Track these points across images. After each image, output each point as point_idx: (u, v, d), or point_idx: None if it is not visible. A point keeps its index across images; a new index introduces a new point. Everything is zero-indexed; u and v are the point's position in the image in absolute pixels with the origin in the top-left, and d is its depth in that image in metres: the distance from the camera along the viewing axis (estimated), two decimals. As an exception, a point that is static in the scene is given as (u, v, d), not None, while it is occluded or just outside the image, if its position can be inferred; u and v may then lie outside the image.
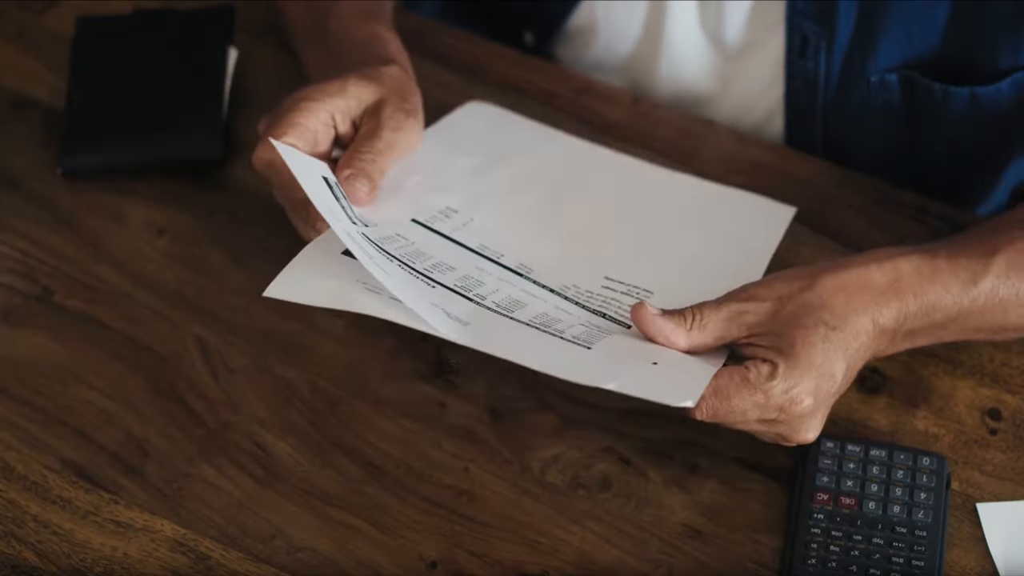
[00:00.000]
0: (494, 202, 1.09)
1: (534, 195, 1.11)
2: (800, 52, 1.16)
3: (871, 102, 1.16)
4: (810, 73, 1.17)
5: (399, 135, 1.05)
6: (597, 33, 1.25)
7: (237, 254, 1.13)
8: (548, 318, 1.00)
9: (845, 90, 1.17)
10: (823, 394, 0.95)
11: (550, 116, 1.19)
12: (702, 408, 0.94)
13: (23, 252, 1.13)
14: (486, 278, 1.02)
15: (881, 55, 1.13)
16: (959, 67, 1.12)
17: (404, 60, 1.11)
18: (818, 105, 1.19)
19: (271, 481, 1.03)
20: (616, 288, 1.04)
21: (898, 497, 0.99)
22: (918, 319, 0.99)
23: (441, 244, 1.04)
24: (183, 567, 0.99)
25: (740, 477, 1.02)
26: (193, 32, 1.22)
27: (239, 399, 1.06)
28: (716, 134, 1.20)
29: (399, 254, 1.01)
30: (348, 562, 1.00)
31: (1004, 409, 1.05)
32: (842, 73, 1.16)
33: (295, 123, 1.02)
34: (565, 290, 1.03)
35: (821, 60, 1.16)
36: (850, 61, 1.15)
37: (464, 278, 1.01)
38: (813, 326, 0.95)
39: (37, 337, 1.09)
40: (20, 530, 1.00)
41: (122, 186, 1.17)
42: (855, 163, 1.19)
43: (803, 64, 1.17)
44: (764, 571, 0.99)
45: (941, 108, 1.14)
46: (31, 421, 1.05)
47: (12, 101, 1.22)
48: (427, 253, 1.02)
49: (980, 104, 1.13)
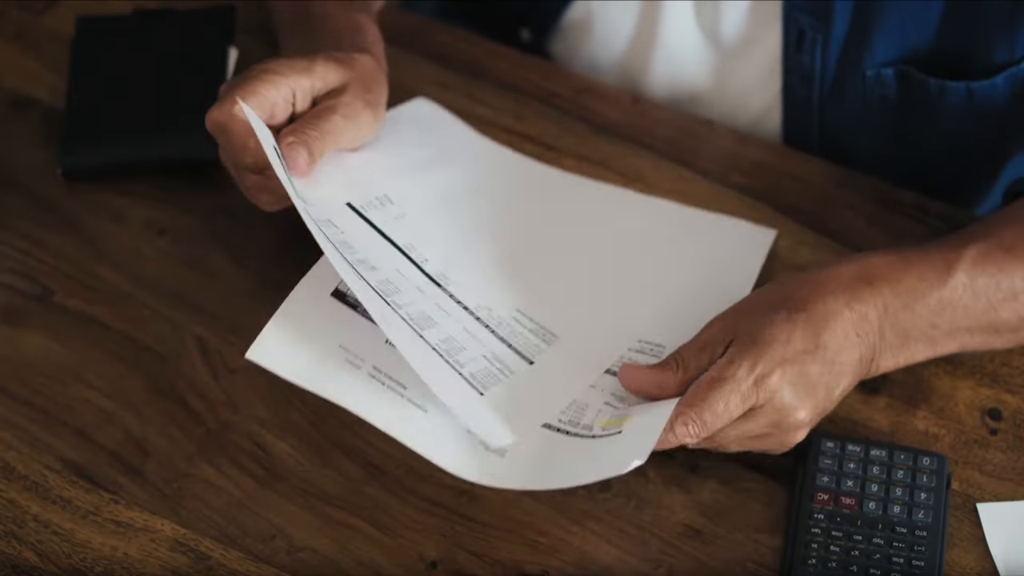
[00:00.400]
0: (433, 201, 1.09)
1: (475, 205, 1.11)
2: (797, 46, 1.16)
3: (867, 97, 1.16)
4: (806, 68, 1.17)
5: (350, 123, 1.04)
6: (592, 29, 1.25)
7: (237, 254, 1.13)
8: (453, 344, 1.00)
9: (841, 85, 1.17)
10: (795, 370, 0.94)
11: (550, 115, 1.20)
12: (688, 425, 0.93)
13: (23, 252, 1.13)
14: (404, 285, 1.02)
15: (877, 49, 1.13)
16: (954, 62, 1.12)
17: (379, 51, 1.10)
18: (815, 100, 1.19)
19: (271, 481, 1.03)
20: (525, 324, 1.05)
21: (898, 497, 0.99)
22: (901, 312, 0.98)
23: (369, 236, 1.03)
24: (183, 567, 0.99)
25: (740, 477, 1.02)
26: (193, 32, 1.22)
27: (239, 399, 1.06)
28: (715, 134, 1.20)
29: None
30: (348, 562, 1.00)
31: (1004, 409, 1.05)
32: (838, 67, 1.16)
33: (255, 92, 1.02)
34: (478, 310, 1.04)
35: (817, 54, 1.16)
36: (846, 55, 1.15)
37: (384, 282, 1.00)
38: (772, 311, 0.96)
39: (37, 337, 1.09)
40: (20, 530, 1.00)
41: (122, 186, 1.17)
42: (853, 161, 1.19)
43: (800, 59, 1.17)
44: (764, 571, 0.99)
45: (937, 103, 1.14)
46: (31, 421, 1.05)
47: (12, 101, 1.22)
48: (354, 246, 1.01)
49: (976, 99, 1.13)
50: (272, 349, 0.95)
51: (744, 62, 1.21)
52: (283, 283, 1.11)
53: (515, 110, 1.19)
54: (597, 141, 1.18)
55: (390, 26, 1.23)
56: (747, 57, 1.21)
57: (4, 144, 1.19)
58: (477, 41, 1.25)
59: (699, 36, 1.21)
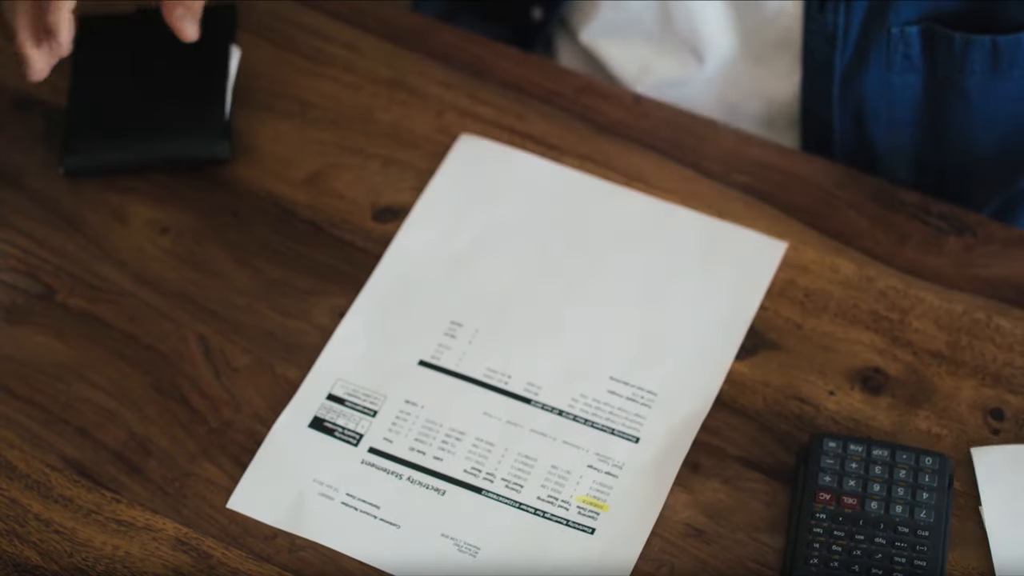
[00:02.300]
0: (495, 283, 1.10)
1: (527, 253, 1.11)
2: (820, 6, 1.15)
3: (891, 57, 1.15)
4: (829, 26, 1.16)
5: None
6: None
7: (239, 253, 1.13)
8: (555, 474, 1.02)
9: (864, 47, 1.15)
10: None
11: (552, 114, 1.19)
12: None
13: (25, 251, 1.13)
14: (494, 434, 1.03)
15: (903, 7, 1.12)
16: (980, 19, 1.11)
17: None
18: (836, 62, 1.17)
19: (273, 480, 1.03)
20: (621, 393, 1.05)
21: (900, 497, 0.99)
22: None
23: (450, 388, 1.05)
24: (185, 566, 0.99)
25: (742, 476, 1.02)
26: None
27: (241, 398, 1.06)
28: (718, 133, 1.20)
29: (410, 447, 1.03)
30: (349, 560, 1.00)
31: (1007, 409, 1.05)
32: (862, 27, 1.15)
33: None
34: (573, 407, 1.04)
35: (840, 12, 1.15)
36: (870, 14, 1.14)
37: (472, 450, 1.02)
38: None
39: (39, 336, 1.09)
40: (22, 529, 1.00)
41: (125, 185, 1.16)
42: (869, 139, 1.18)
43: (822, 18, 1.16)
44: (766, 571, 0.99)
45: (960, 61, 1.13)
46: (33, 420, 1.05)
47: (14, 100, 1.21)
48: (438, 421, 1.04)
49: (1000, 56, 1.12)
50: (251, 496, 1.01)
51: (765, 20, 1.19)
52: (285, 282, 1.11)
53: (517, 110, 1.19)
54: (599, 140, 1.18)
55: (393, 25, 1.24)
56: (768, 15, 1.19)
57: (6, 143, 1.19)
58: (480, 41, 1.25)
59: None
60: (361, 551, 0.99)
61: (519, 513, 1.00)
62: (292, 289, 1.11)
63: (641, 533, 0.99)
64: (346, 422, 1.04)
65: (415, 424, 1.04)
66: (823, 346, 1.08)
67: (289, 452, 1.03)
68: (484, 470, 1.02)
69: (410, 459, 1.02)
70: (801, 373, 1.07)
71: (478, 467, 1.02)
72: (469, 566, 0.98)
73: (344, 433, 1.04)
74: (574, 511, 1.00)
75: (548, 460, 1.02)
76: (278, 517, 1.00)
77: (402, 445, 1.03)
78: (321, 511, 1.00)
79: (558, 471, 1.02)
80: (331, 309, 1.09)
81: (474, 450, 1.02)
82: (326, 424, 1.04)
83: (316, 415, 1.04)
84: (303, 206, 1.15)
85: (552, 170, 1.16)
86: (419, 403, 1.04)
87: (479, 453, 1.02)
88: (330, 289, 1.10)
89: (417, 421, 1.04)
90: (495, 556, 0.99)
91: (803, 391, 1.06)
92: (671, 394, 1.04)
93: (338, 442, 1.03)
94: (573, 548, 0.99)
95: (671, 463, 1.02)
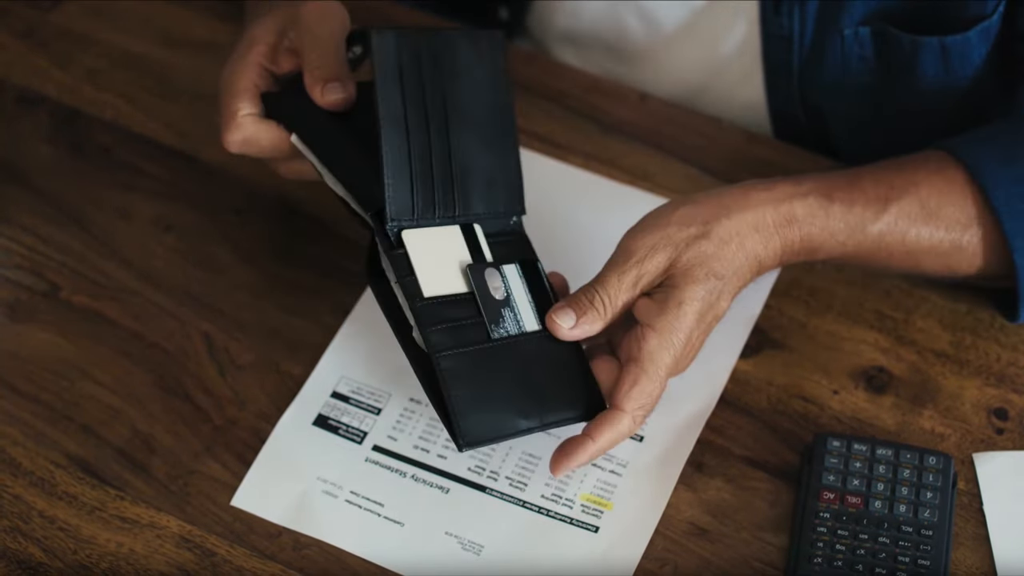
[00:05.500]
0: None
1: None
2: (775, 8, 1.16)
3: (846, 58, 1.15)
4: (785, 30, 1.16)
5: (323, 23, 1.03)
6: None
7: (244, 251, 1.13)
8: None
9: (820, 47, 1.16)
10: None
11: (558, 113, 1.19)
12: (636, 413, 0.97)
13: (30, 248, 1.13)
14: None
15: (854, 8, 1.13)
16: (928, 18, 1.11)
17: None
18: (794, 63, 1.18)
19: (277, 478, 1.03)
20: None
21: (904, 496, 0.99)
22: (798, 256, 1.03)
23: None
24: (189, 563, 0.99)
25: (746, 475, 1.02)
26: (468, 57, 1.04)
27: (245, 395, 1.06)
28: (723, 132, 1.20)
29: (414, 445, 1.03)
30: (353, 558, 1.00)
31: (1011, 409, 1.05)
32: (816, 28, 1.15)
33: (237, 90, 1.03)
34: None
35: (796, 15, 1.15)
36: (823, 15, 1.14)
37: None
38: (704, 279, 0.98)
39: (44, 333, 1.09)
40: (26, 526, 1.01)
41: (129, 183, 1.17)
42: (833, 131, 1.19)
43: (778, 21, 1.16)
44: (770, 570, 0.99)
45: (911, 61, 1.13)
46: (37, 417, 1.05)
47: (20, 97, 1.22)
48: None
49: (950, 56, 1.12)
50: (255, 494, 1.01)
51: (722, 25, 1.20)
52: (290, 280, 1.11)
53: (523, 108, 1.19)
54: (605, 139, 1.18)
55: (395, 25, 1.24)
56: (725, 19, 1.20)
57: (12, 140, 1.19)
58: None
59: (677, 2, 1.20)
60: (365, 549, 0.99)
61: (523, 511, 1.00)
62: (296, 287, 1.11)
63: (645, 531, 0.99)
64: (350, 420, 1.04)
65: (419, 422, 1.04)
66: (827, 345, 1.08)
67: (293, 450, 1.03)
68: (488, 468, 1.02)
69: (414, 457, 1.02)
70: (805, 372, 1.07)
71: (482, 465, 1.02)
72: (473, 564, 0.98)
73: (348, 431, 1.04)
74: (578, 509, 1.00)
75: None
76: (282, 515, 1.00)
77: (406, 443, 1.03)
78: (325, 509, 1.01)
79: None
80: (335, 307, 1.09)
81: (478, 448, 1.02)
82: (330, 422, 1.04)
83: (320, 413, 1.04)
84: (308, 203, 1.15)
85: (558, 169, 1.16)
86: (423, 401, 1.04)
87: (483, 451, 1.02)
88: (334, 287, 1.10)
89: (421, 419, 1.04)
90: (499, 554, 0.99)
91: (807, 390, 1.06)
92: (675, 393, 1.04)
93: (342, 440, 1.03)
94: (577, 546, 0.99)
95: (675, 462, 1.02)
